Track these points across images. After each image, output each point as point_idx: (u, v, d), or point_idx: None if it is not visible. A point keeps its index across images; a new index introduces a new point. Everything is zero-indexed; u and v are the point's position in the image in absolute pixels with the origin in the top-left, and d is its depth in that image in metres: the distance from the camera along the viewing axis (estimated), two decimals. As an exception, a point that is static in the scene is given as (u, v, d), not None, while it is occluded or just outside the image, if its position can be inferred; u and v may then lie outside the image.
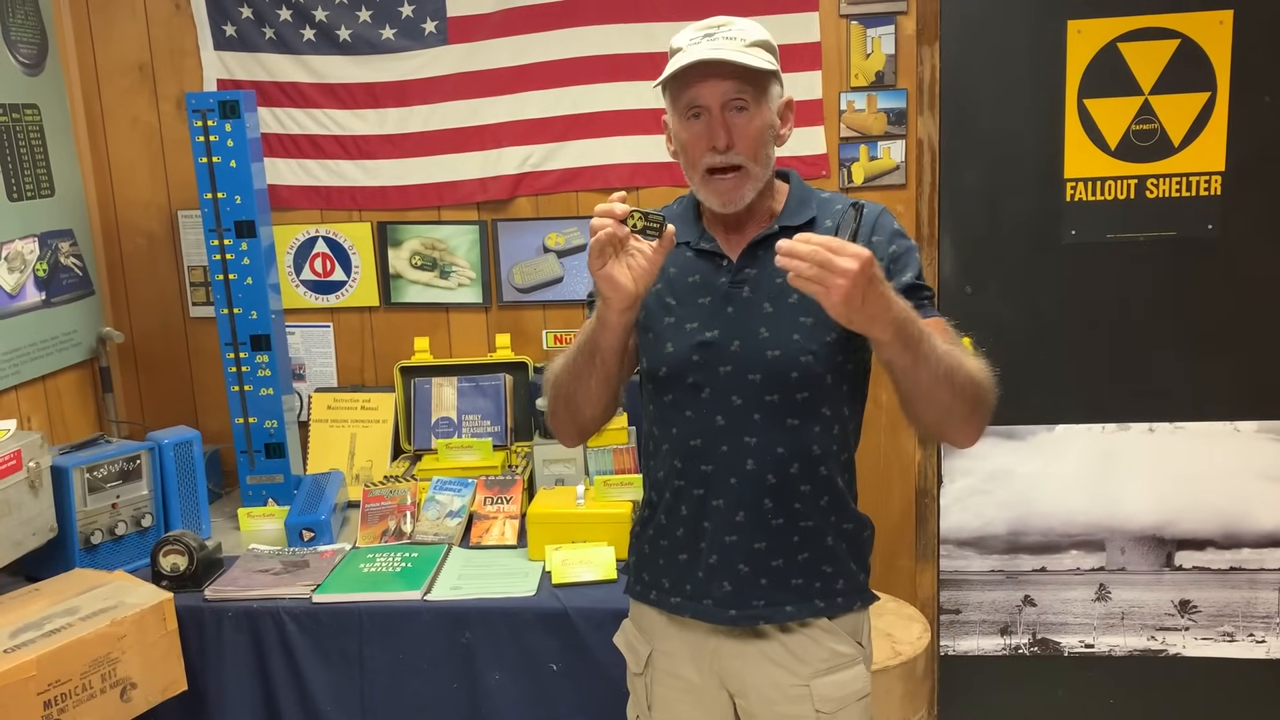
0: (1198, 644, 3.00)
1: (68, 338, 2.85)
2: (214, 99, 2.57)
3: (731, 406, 1.61)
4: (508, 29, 2.84)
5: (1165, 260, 2.82)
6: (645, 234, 1.49)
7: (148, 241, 3.05)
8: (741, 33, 1.57)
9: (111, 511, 2.42)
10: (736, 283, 1.63)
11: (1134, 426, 2.92)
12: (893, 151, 2.83)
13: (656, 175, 2.85)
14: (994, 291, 2.89)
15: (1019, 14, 2.77)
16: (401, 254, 3.00)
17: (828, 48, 2.80)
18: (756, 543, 1.63)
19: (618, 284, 1.49)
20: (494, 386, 2.90)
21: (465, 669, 2.20)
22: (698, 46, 1.56)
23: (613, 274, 1.49)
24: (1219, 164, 2.76)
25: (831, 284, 1.34)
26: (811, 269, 1.34)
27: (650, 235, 1.50)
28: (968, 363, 1.52)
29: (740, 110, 1.57)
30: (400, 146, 2.93)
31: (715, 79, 1.55)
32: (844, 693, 1.66)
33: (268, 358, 2.68)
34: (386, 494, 2.56)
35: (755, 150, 1.58)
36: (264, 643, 2.23)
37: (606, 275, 1.49)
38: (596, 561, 2.28)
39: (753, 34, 1.58)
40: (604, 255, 1.48)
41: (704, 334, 1.63)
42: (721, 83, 1.55)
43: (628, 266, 1.50)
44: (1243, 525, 2.94)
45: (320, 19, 2.87)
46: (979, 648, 3.06)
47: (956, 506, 3.01)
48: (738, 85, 1.55)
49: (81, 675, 1.99)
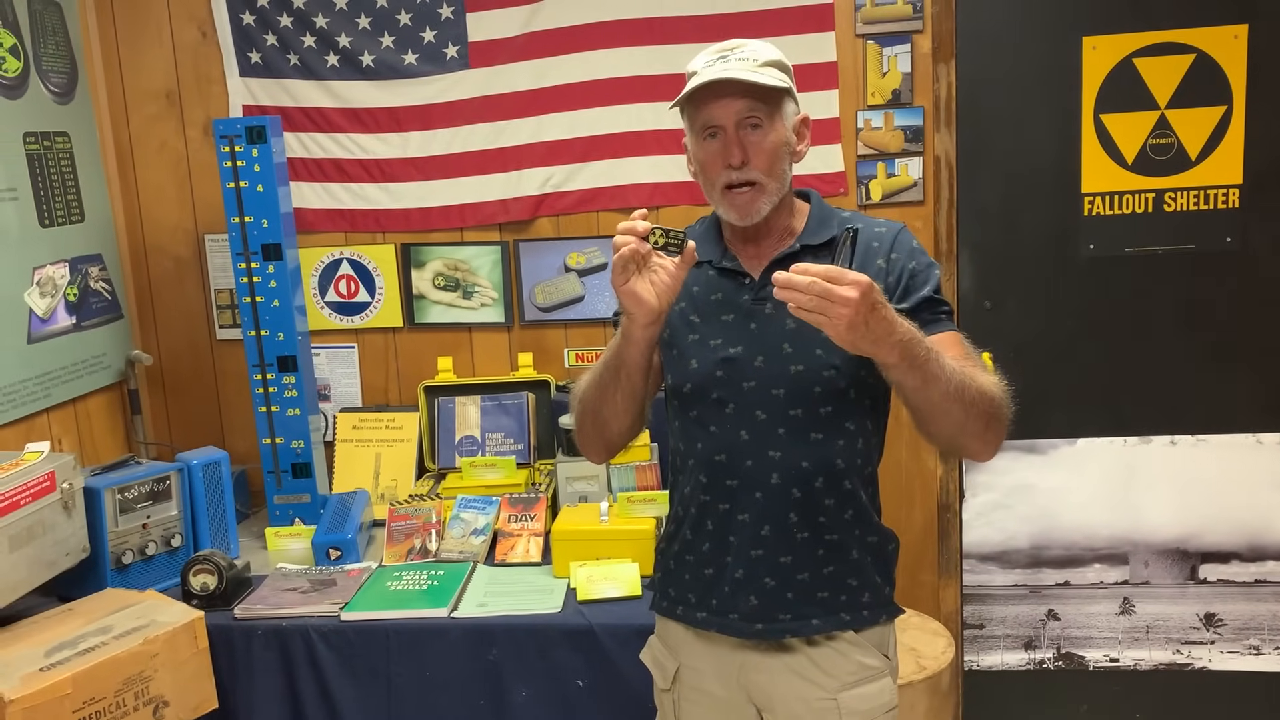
0: (1223, 657, 2.98)
1: (97, 360, 2.90)
2: (241, 125, 2.62)
3: (756, 421, 1.63)
4: (528, 53, 2.89)
5: (1184, 273, 2.83)
6: (667, 250, 1.52)
7: (175, 265, 3.10)
8: (754, 54, 1.61)
9: (142, 532, 2.45)
10: (759, 300, 1.65)
11: (1155, 440, 2.92)
12: (910, 168, 2.85)
13: (676, 194, 2.88)
14: (1013, 306, 2.90)
15: (1034, 31, 2.79)
16: (424, 275, 3.04)
17: (844, 67, 2.83)
18: (782, 557, 1.65)
19: (641, 299, 1.52)
20: (517, 405, 2.93)
21: (492, 686, 2.22)
22: (711, 69, 1.59)
23: (636, 289, 1.52)
24: (1236, 177, 2.77)
25: (834, 313, 1.36)
26: (811, 300, 1.36)
27: (672, 251, 1.52)
28: (979, 378, 1.53)
29: (755, 128, 1.60)
30: (423, 169, 2.97)
31: (728, 98, 1.58)
32: (871, 705, 1.67)
33: (294, 379, 2.72)
34: (412, 512, 2.58)
35: (770, 165, 1.61)
36: (293, 660, 2.25)
37: (630, 291, 1.52)
38: (621, 578, 2.29)
39: (765, 54, 1.62)
40: (627, 271, 1.51)
41: (728, 350, 1.65)
42: (735, 101, 1.58)
43: (650, 282, 1.52)
44: (1267, 538, 2.93)
45: (344, 45, 2.92)
46: (1003, 662, 3.06)
47: (979, 521, 3.01)
48: (750, 104, 1.58)
49: (115, 693, 2.02)
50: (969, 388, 1.49)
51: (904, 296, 1.62)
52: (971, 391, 1.50)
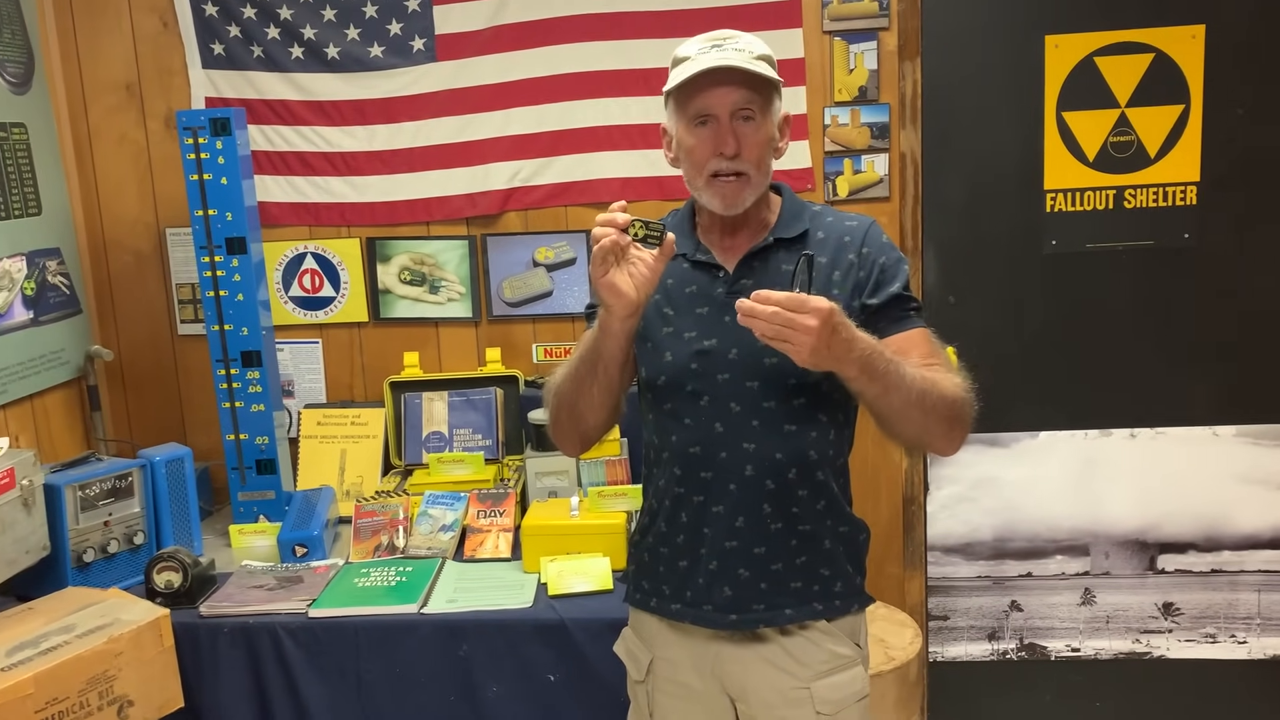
0: (1181, 646, 3.04)
1: (55, 356, 2.85)
2: (205, 116, 2.58)
3: (730, 414, 1.64)
4: (495, 46, 2.87)
5: (1143, 269, 2.88)
6: (646, 242, 1.52)
7: (135, 259, 3.05)
8: (749, 45, 1.62)
9: (104, 529, 2.41)
10: (733, 293, 1.65)
11: (1116, 432, 2.97)
12: (876, 165, 2.87)
13: (645, 189, 2.86)
14: (977, 301, 2.94)
15: (998, 29, 2.82)
16: (390, 269, 3.02)
17: (811, 63, 2.84)
18: (756, 548, 1.66)
19: (620, 291, 1.52)
20: (485, 400, 2.91)
21: (463, 682, 2.21)
22: (707, 55, 1.60)
23: (614, 281, 1.51)
24: (1194, 174, 2.82)
25: (796, 340, 1.40)
26: (773, 329, 1.40)
27: (651, 244, 1.52)
28: (940, 382, 1.56)
29: (747, 120, 1.61)
30: (389, 163, 2.95)
31: (726, 87, 1.59)
32: (843, 694, 1.69)
33: (258, 374, 2.69)
34: (378, 509, 2.56)
35: (759, 159, 1.62)
36: (260, 658, 2.23)
37: (608, 283, 1.52)
38: (592, 572, 2.29)
39: (758, 48, 1.63)
40: (605, 263, 1.51)
41: (702, 342, 1.65)
42: (733, 91, 1.59)
43: (629, 275, 1.52)
44: (1223, 528, 2.99)
45: (309, 37, 2.89)
46: (967, 653, 3.09)
47: (943, 513, 3.04)
48: (747, 95, 1.59)
49: (79, 693, 1.99)
50: (929, 394, 1.53)
51: (874, 292, 1.64)
52: (932, 397, 1.53)
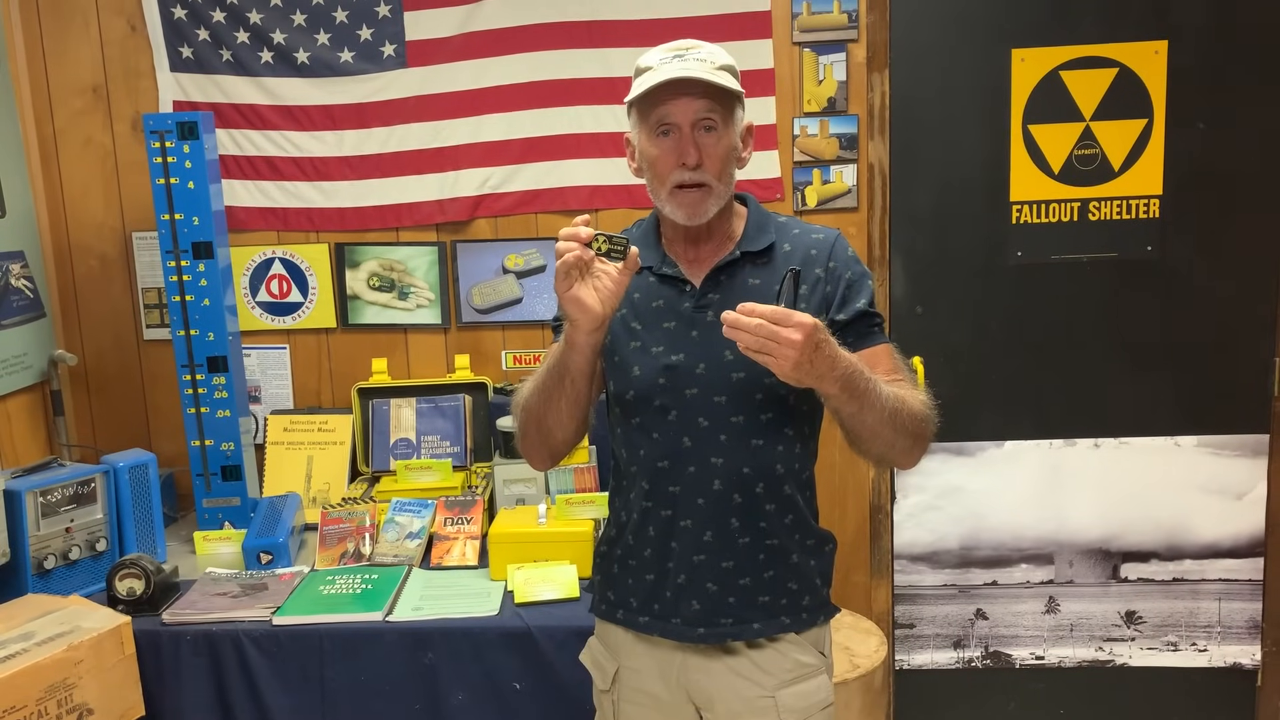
0: (1143, 654, 3.08)
1: (18, 360, 2.81)
2: (172, 120, 2.57)
3: (698, 428, 1.64)
4: (466, 53, 2.87)
5: (1107, 280, 2.92)
6: (610, 256, 1.52)
7: (101, 263, 3.02)
8: (710, 55, 1.62)
9: (65, 536, 2.39)
10: (700, 307, 1.66)
11: (1080, 442, 3.00)
12: (844, 175, 2.89)
13: (615, 197, 2.87)
14: (943, 312, 2.96)
15: (966, 43, 2.85)
16: (359, 275, 3.01)
17: (781, 74, 2.86)
18: (724, 561, 1.66)
19: (585, 306, 1.51)
20: (453, 407, 2.91)
21: (428, 690, 2.20)
22: (668, 66, 1.60)
23: (579, 296, 1.51)
24: (1157, 188, 2.86)
25: (780, 354, 1.40)
26: (757, 341, 1.40)
27: (615, 258, 1.52)
28: (910, 401, 1.58)
29: (709, 130, 1.61)
30: (358, 168, 2.94)
31: (687, 97, 1.59)
32: (808, 703, 1.70)
33: (225, 379, 2.67)
34: (345, 516, 2.55)
35: (720, 170, 1.63)
36: (223, 666, 2.21)
37: (573, 298, 1.51)
38: (559, 580, 2.29)
39: (720, 58, 1.63)
40: (570, 278, 1.51)
41: (670, 357, 1.65)
42: (694, 101, 1.59)
43: (594, 288, 1.52)
44: (1184, 537, 3.03)
45: (279, 41, 2.87)
46: (933, 661, 3.12)
47: (910, 522, 3.07)
48: (709, 105, 1.59)
49: (37, 701, 1.97)
50: (901, 412, 1.55)
51: (841, 307, 1.65)
52: (903, 416, 1.55)
